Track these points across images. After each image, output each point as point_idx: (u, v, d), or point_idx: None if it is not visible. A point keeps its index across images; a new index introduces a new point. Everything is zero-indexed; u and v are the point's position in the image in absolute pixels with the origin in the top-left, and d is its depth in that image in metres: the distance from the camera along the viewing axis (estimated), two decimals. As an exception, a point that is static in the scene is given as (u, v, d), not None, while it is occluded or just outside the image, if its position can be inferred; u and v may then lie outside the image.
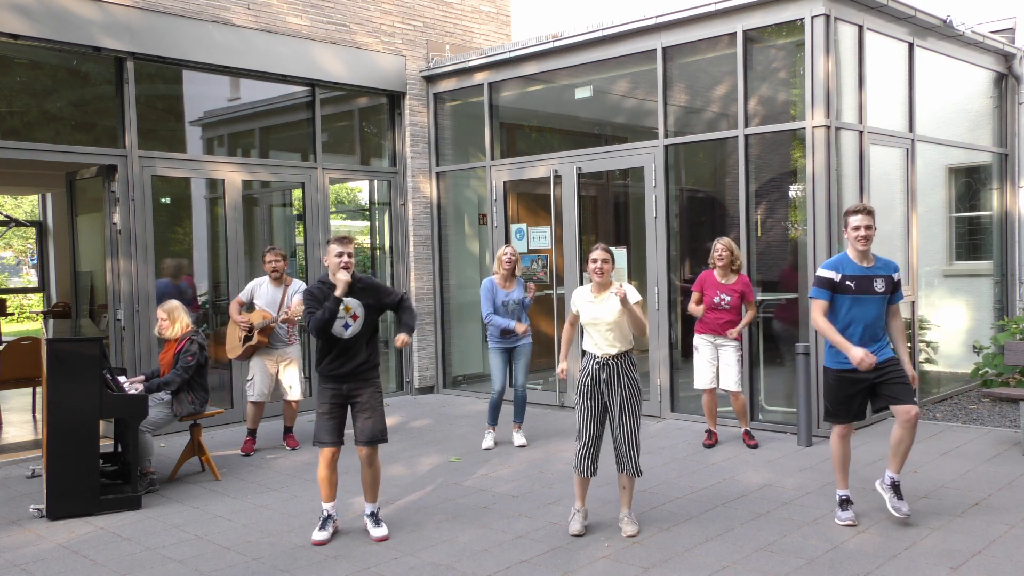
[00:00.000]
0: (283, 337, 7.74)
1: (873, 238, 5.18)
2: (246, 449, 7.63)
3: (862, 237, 5.13)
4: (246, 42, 8.94)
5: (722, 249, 7.19)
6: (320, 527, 5.28)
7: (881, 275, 5.20)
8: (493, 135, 10.13)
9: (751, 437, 7.31)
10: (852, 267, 5.19)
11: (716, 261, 7.22)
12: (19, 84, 8.18)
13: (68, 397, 5.79)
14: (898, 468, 5.29)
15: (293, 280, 7.86)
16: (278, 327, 7.65)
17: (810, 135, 7.52)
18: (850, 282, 5.15)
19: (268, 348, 7.70)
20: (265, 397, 7.77)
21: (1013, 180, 10.24)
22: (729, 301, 7.15)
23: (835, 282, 5.17)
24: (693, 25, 8.24)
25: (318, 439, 5.27)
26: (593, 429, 5.18)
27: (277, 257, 7.70)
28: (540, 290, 9.76)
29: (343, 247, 5.18)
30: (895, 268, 5.29)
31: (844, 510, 5.29)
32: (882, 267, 5.24)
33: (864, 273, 5.17)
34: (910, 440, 5.22)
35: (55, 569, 4.91)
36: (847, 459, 5.35)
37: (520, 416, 7.71)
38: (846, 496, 5.33)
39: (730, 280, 7.22)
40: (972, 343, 9.44)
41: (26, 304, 23.19)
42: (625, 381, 5.16)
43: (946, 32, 8.77)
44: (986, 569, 4.48)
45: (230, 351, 7.75)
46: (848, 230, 5.20)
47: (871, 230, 5.15)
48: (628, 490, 5.26)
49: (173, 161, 8.64)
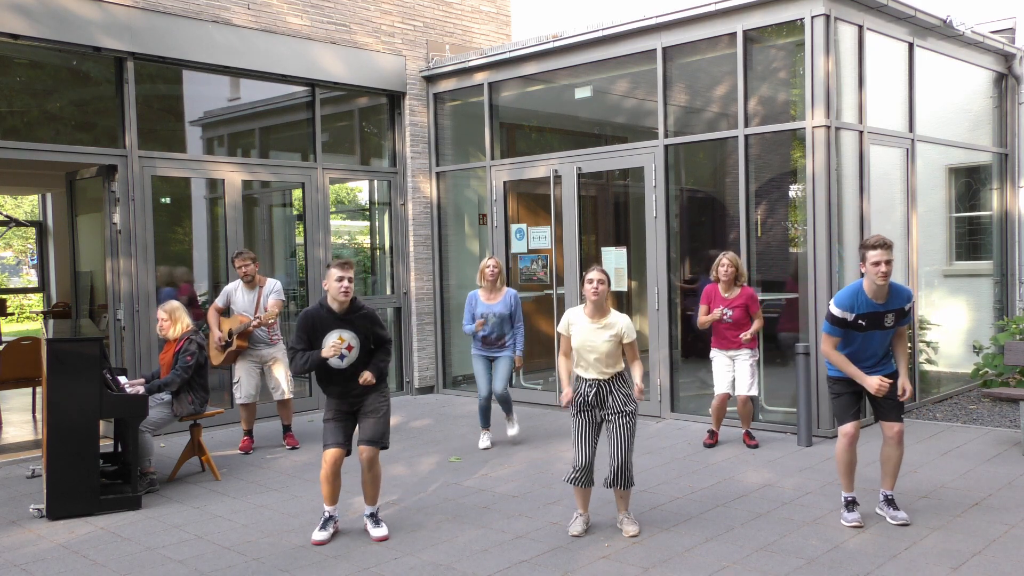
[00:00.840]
0: (264, 338, 7.71)
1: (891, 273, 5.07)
2: (244, 448, 7.66)
3: (883, 273, 5.00)
4: (246, 42, 8.94)
5: (728, 265, 7.15)
6: (320, 527, 5.28)
7: (893, 310, 5.14)
8: (493, 135, 10.13)
9: (751, 438, 7.31)
10: (866, 304, 5.11)
11: (721, 276, 7.19)
12: (19, 84, 8.19)
13: (68, 397, 5.79)
14: (891, 485, 5.33)
15: (267, 280, 7.80)
16: (257, 330, 7.63)
17: (810, 135, 7.52)
18: (862, 320, 5.12)
19: (250, 350, 7.69)
20: (252, 398, 7.76)
21: (1013, 180, 10.24)
22: (731, 315, 7.14)
23: (848, 322, 5.15)
24: (693, 25, 8.24)
25: (324, 441, 5.29)
26: (589, 448, 5.16)
27: (245, 262, 7.62)
28: (540, 290, 9.77)
29: (344, 272, 5.14)
30: (908, 299, 5.21)
31: (850, 511, 5.28)
32: (895, 300, 5.15)
33: (877, 310, 5.12)
34: (898, 455, 5.27)
35: (55, 569, 4.91)
36: (853, 465, 5.31)
37: (508, 410, 7.71)
38: (852, 498, 5.31)
39: (733, 294, 7.20)
40: (972, 343, 9.43)
41: (26, 304, 23.20)
42: (620, 398, 5.13)
43: (946, 32, 8.77)
44: (986, 569, 4.48)
45: (213, 359, 7.69)
46: (867, 264, 5.05)
47: (890, 265, 5.02)
48: (625, 498, 5.27)
49: (173, 161, 8.64)
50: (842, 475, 5.34)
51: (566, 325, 5.25)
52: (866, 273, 5.09)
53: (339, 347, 5.15)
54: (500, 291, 7.51)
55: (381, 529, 5.27)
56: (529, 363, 10.42)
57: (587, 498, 5.29)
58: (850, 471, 5.31)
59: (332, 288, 5.17)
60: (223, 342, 7.61)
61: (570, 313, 5.28)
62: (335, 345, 5.14)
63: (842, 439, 5.28)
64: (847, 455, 5.29)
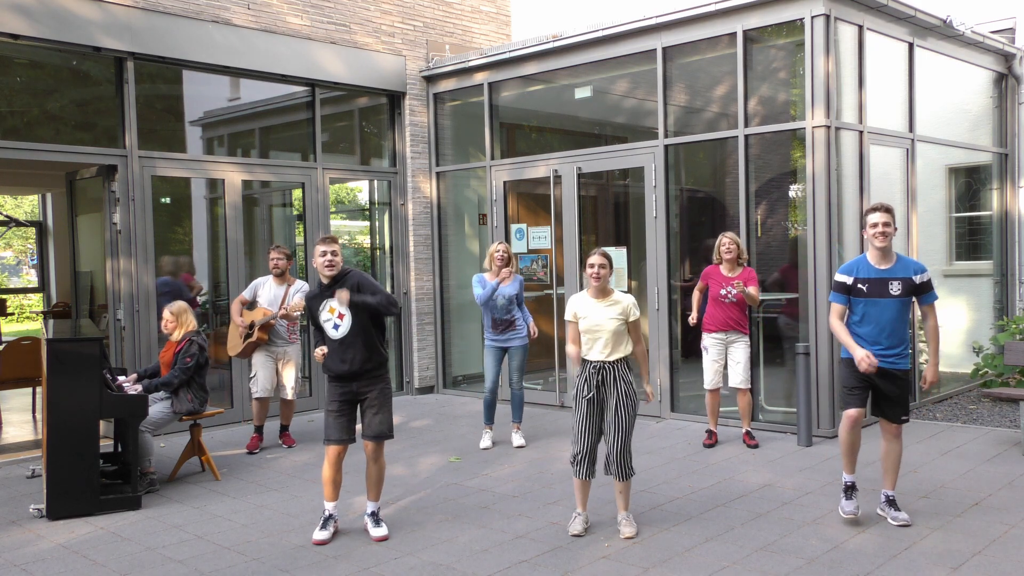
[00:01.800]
0: (283, 335, 7.75)
1: (892, 236, 5.11)
2: (252, 446, 7.64)
3: (880, 233, 5.05)
4: (246, 42, 8.94)
5: (729, 243, 7.19)
6: (321, 526, 5.28)
7: (899, 277, 5.11)
8: (493, 135, 10.13)
9: (751, 437, 7.31)
10: (867, 269, 5.15)
11: (724, 255, 7.22)
12: (19, 84, 8.18)
13: (68, 397, 5.79)
14: (892, 484, 5.32)
15: (296, 280, 7.87)
16: (278, 324, 7.66)
17: (810, 135, 7.52)
18: (862, 285, 5.14)
19: (269, 345, 7.71)
20: (269, 393, 7.79)
21: (1013, 180, 10.24)
22: (735, 293, 7.16)
23: (848, 285, 5.18)
24: (693, 25, 8.24)
25: (327, 436, 5.30)
26: (589, 434, 5.18)
27: (280, 255, 7.72)
28: (540, 290, 9.76)
29: (326, 246, 5.28)
30: (918, 270, 5.18)
31: (848, 498, 5.24)
32: (901, 269, 5.14)
33: (879, 276, 5.12)
34: (897, 451, 5.27)
35: (55, 569, 4.91)
36: (856, 446, 5.26)
37: (518, 416, 7.70)
38: (851, 482, 5.27)
39: (735, 273, 7.22)
40: (972, 343, 9.43)
41: (26, 304, 23.19)
42: (622, 386, 5.15)
43: (946, 32, 8.77)
44: (986, 569, 4.48)
45: (231, 348, 7.78)
46: (867, 228, 5.14)
47: (889, 227, 5.07)
48: (624, 493, 5.26)
49: (173, 161, 8.64)
50: (844, 455, 5.30)
51: (573, 311, 5.25)
52: (867, 238, 5.19)
53: (331, 318, 5.28)
54: (511, 274, 7.55)
55: (381, 529, 5.27)
56: (529, 363, 10.41)
57: (587, 494, 5.29)
58: (852, 451, 5.27)
59: (317, 263, 5.32)
60: (245, 333, 7.63)
61: (574, 299, 5.31)
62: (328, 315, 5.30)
63: (845, 421, 5.23)
64: (850, 436, 5.24)
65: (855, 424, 5.24)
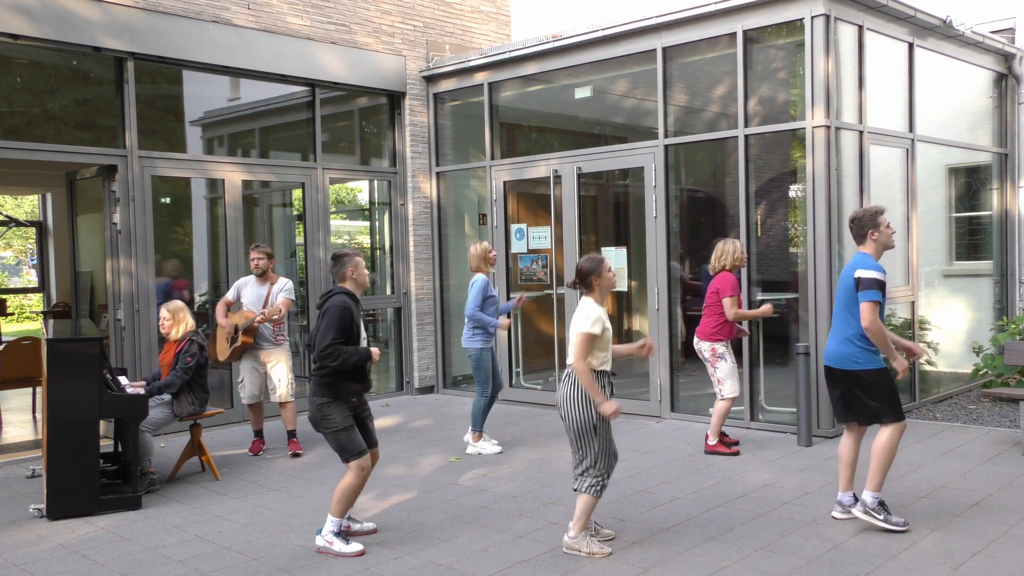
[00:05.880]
0: (269, 336, 7.52)
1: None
2: (254, 450, 7.60)
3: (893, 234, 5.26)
4: (246, 42, 8.94)
5: (743, 249, 7.17)
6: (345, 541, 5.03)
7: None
8: (493, 135, 10.13)
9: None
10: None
11: (743, 262, 7.13)
12: (19, 84, 8.19)
13: (68, 397, 5.79)
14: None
15: (279, 278, 7.65)
16: (263, 326, 7.45)
17: (810, 135, 7.52)
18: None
19: (255, 348, 7.53)
20: (256, 398, 7.67)
21: (1013, 180, 10.24)
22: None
23: (884, 284, 5.08)
24: (693, 25, 8.24)
25: (357, 448, 5.02)
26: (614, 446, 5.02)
27: (260, 255, 7.51)
28: (540, 290, 9.77)
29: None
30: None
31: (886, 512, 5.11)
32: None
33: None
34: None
35: (55, 569, 4.91)
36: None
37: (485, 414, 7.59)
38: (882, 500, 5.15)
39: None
40: (972, 343, 9.43)
41: (26, 304, 23.20)
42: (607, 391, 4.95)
43: (946, 32, 8.77)
44: (986, 569, 4.48)
45: (220, 353, 7.59)
46: (883, 228, 5.17)
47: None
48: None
49: (173, 161, 8.64)
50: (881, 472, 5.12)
51: (602, 321, 4.80)
52: (880, 238, 5.18)
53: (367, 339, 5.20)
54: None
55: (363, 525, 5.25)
56: (529, 363, 10.44)
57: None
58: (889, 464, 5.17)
59: (363, 276, 5.24)
60: (231, 336, 7.47)
61: (597, 309, 4.85)
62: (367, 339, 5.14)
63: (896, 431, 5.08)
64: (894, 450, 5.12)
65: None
